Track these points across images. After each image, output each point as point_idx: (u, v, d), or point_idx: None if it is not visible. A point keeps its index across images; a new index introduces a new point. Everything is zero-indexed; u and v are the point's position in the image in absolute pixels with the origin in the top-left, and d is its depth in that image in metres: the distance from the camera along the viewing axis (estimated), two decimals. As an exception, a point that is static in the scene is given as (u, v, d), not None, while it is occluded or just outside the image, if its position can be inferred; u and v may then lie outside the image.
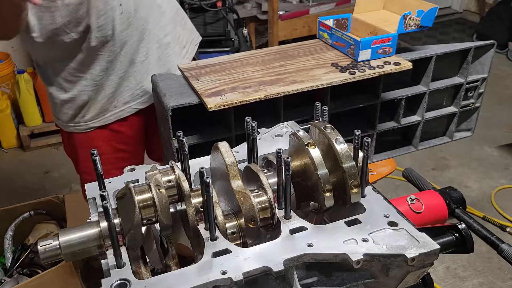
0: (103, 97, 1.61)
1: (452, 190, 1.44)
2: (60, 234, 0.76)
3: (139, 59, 1.60)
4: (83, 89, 1.59)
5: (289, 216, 0.80)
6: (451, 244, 1.09)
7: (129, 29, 1.53)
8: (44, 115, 3.80)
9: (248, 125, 0.88)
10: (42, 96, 3.70)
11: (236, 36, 3.56)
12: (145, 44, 1.60)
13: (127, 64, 1.58)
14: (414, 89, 1.55)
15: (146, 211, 0.77)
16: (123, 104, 1.64)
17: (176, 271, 0.72)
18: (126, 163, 1.70)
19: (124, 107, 1.65)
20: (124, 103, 1.64)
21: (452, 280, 2.55)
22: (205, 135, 1.34)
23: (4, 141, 3.80)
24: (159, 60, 1.66)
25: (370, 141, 0.81)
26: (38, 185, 3.39)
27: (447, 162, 3.49)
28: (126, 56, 1.57)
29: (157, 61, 1.65)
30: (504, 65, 4.93)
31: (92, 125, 1.66)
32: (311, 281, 0.77)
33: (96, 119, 1.65)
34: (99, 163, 0.82)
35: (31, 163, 3.65)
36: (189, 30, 1.82)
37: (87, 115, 1.63)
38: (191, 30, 1.84)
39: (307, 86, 1.29)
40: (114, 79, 1.59)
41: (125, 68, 1.59)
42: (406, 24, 1.42)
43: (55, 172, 3.52)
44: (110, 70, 1.57)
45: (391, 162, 1.93)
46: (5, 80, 3.80)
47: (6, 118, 3.70)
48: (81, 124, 1.66)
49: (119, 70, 1.58)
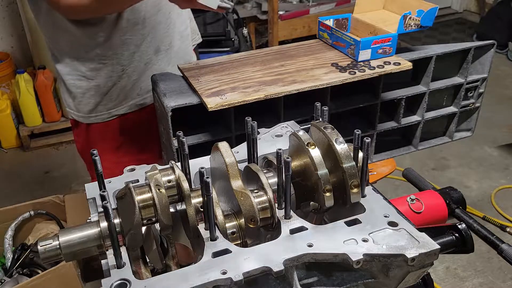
0: (127, 83, 1.62)
1: (452, 190, 1.44)
2: (60, 234, 0.76)
3: (163, 47, 1.63)
4: (109, 75, 1.59)
5: (289, 216, 0.80)
6: (451, 244, 1.10)
7: (158, 15, 1.56)
8: (44, 115, 3.80)
9: (248, 125, 0.88)
10: (42, 96, 3.70)
11: (236, 36, 3.56)
12: (169, 33, 1.63)
13: (153, 51, 1.61)
14: (414, 89, 1.55)
15: (146, 211, 0.77)
16: (146, 92, 1.66)
17: (176, 271, 0.72)
18: (144, 153, 1.74)
19: (146, 95, 1.67)
20: (147, 91, 1.65)
21: (452, 280, 2.55)
22: (205, 135, 1.34)
23: (4, 141, 3.80)
24: (180, 51, 1.70)
25: (370, 141, 0.81)
26: (38, 185, 3.39)
27: (447, 162, 3.49)
28: (153, 42, 1.59)
29: (177, 52, 1.69)
30: (504, 65, 4.93)
31: (114, 113, 1.66)
32: (311, 281, 0.77)
33: (118, 106, 1.65)
34: (99, 163, 0.82)
35: (31, 163, 3.65)
36: (192, 29, 1.86)
37: (110, 102, 1.64)
38: (193, 30, 1.87)
39: (307, 86, 1.29)
40: (140, 65, 1.61)
41: (150, 55, 1.61)
42: (406, 24, 1.42)
43: (55, 172, 3.52)
44: (136, 56, 1.58)
45: (391, 162, 1.94)
46: (5, 80, 3.80)
47: (6, 118, 3.70)
48: (103, 113, 1.66)
49: (145, 56, 1.60)
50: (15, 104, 3.78)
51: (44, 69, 3.69)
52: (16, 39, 4.09)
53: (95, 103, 1.64)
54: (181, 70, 1.43)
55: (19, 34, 4.06)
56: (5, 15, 4.01)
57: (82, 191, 2.65)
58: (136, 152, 1.71)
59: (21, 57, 4.14)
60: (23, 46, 4.11)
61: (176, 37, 1.67)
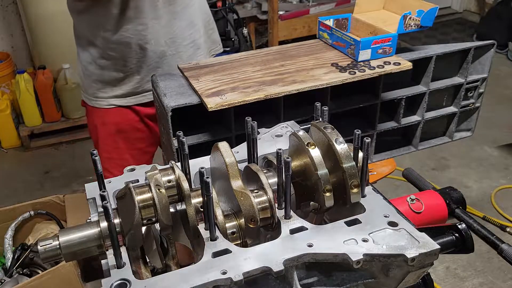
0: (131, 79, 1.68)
1: (452, 190, 1.44)
2: (60, 234, 0.76)
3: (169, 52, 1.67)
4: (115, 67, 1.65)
5: (289, 216, 0.80)
6: (451, 244, 1.09)
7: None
8: (44, 115, 3.80)
9: (248, 125, 0.88)
10: (42, 96, 3.70)
11: (236, 36, 3.56)
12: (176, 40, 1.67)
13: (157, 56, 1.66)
14: (414, 89, 1.55)
15: (146, 211, 0.77)
16: (148, 91, 1.71)
17: (176, 271, 0.72)
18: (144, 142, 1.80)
19: (147, 93, 1.72)
20: (150, 91, 1.70)
21: (452, 280, 2.55)
22: (205, 135, 1.34)
23: (4, 141, 3.80)
24: (189, 58, 1.73)
25: (370, 141, 0.81)
26: (38, 185, 3.39)
27: (447, 162, 3.49)
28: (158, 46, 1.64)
29: (187, 59, 1.73)
30: (504, 65, 4.93)
31: (113, 103, 1.73)
32: (311, 281, 0.77)
33: (120, 98, 1.72)
34: (99, 163, 0.82)
35: (31, 163, 3.65)
36: (212, 40, 1.89)
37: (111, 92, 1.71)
38: (214, 40, 1.91)
39: (307, 86, 1.29)
40: (143, 66, 1.66)
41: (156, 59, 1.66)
42: (406, 24, 1.42)
43: (55, 172, 3.52)
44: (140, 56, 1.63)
45: (391, 162, 1.94)
46: (5, 80, 3.80)
47: (6, 118, 3.71)
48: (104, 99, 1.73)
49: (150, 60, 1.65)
50: (15, 104, 3.78)
51: (44, 69, 3.69)
52: (16, 39, 4.09)
53: (97, 88, 1.71)
54: (181, 70, 1.43)
55: (19, 34, 4.06)
56: (5, 15, 4.01)
57: (82, 191, 2.65)
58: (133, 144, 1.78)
59: (21, 57, 4.15)
60: (23, 46, 4.12)
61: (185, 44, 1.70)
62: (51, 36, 3.67)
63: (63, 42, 3.66)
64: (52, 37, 3.67)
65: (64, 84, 3.73)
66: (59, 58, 3.69)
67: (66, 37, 3.64)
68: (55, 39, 3.66)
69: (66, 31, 3.61)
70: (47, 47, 3.74)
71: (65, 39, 3.65)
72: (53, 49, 3.72)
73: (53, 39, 3.67)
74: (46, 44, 3.72)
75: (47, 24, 3.63)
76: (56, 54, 3.72)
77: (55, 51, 3.72)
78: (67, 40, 3.66)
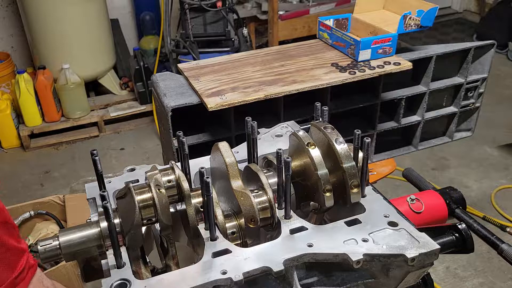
0: None
1: (452, 190, 1.44)
2: (60, 234, 0.76)
3: None
4: None
5: (289, 216, 0.80)
6: (451, 244, 1.09)
7: None
8: (44, 115, 3.80)
9: (248, 125, 0.88)
10: (42, 96, 3.70)
11: (236, 36, 3.56)
12: None
13: None
14: (414, 89, 1.55)
15: (146, 211, 0.77)
16: None
17: (176, 271, 0.72)
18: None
19: None
20: None
21: (452, 280, 2.55)
22: (205, 135, 1.34)
23: (4, 141, 3.80)
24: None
25: (370, 141, 0.81)
26: (38, 185, 3.39)
27: (447, 162, 3.49)
28: None
29: None
30: (504, 65, 4.93)
31: None
32: (311, 281, 0.77)
33: None
34: (99, 163, 0.82)
35: (31, 163, 3.65)
36: None
37: None
38: None
39: (307, 86, 1.29)
40: None
41: None
42: (406, 24, 1.42)
43: (55, 172, 3.51)
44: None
45: (391, 162, 1.93)
46: (5, 80, 3.80)
47: (6, 118, 3.70)
48: None
49: None
50: (15, 104, 3.78)
51: (44, 69, 3.69)
52: (16, 39, 4.09)
53: None
54: (181, 70, 1.43)
55: (19, 34, 4.06)
56: (5, 15, 4.01)
57: (82, 191, 2.65)
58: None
59: (21, 57, 4.14)
60: (23, 46, 4.12)
61: None
62: (51, 36, 3.67)
63: (63, 42, 3.65)
64: (52, 37, 3.66)
65: (64, 84, 3.73)
66: (59, 58, 3.69)
67: (66, 37, 3.67)
68: (55, 39, 3.66)
69: (66, 31, 3.65)
70: (47, 47, 3.74)
71: (65, 39, 3.66)
72: (53, 49, 3.72)
73: (53, 39, 3.67)
74: (46, 44, 3.72)
75: (47, 24, 3.63)
76: (56, 54, 3.71)
77: (55, 51, 3.72)
78: (67, 40, 3.68)
